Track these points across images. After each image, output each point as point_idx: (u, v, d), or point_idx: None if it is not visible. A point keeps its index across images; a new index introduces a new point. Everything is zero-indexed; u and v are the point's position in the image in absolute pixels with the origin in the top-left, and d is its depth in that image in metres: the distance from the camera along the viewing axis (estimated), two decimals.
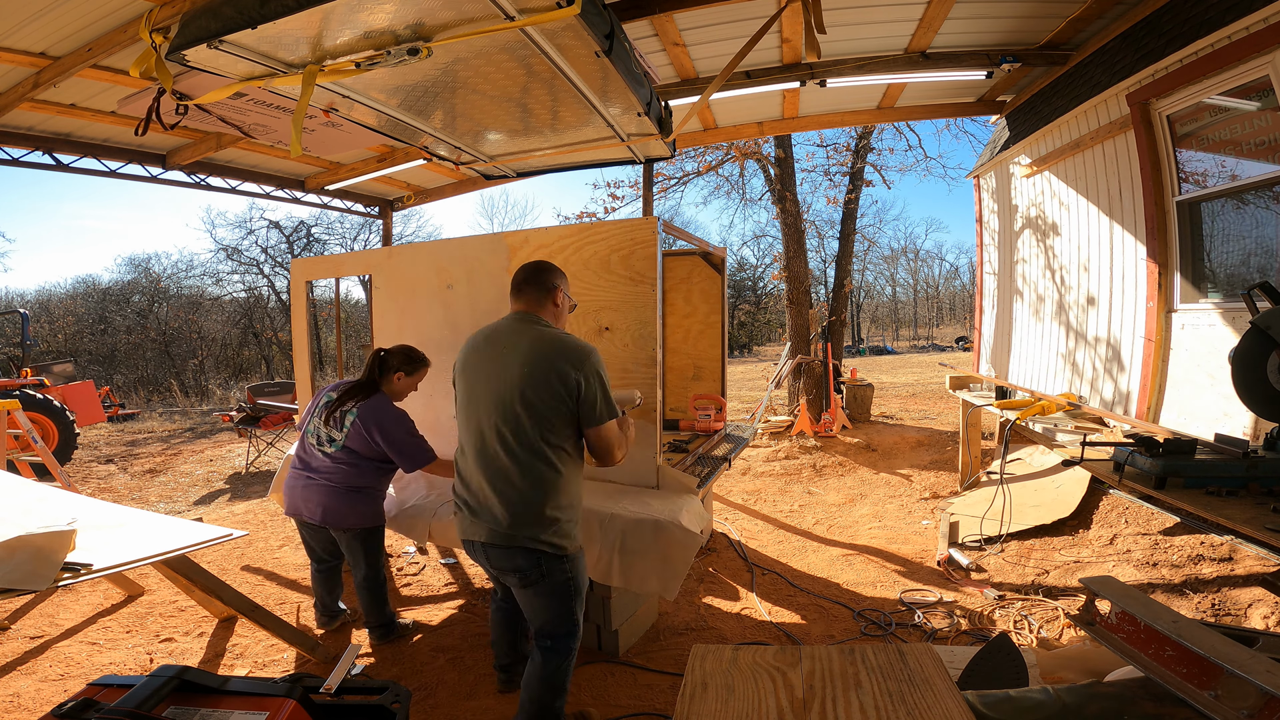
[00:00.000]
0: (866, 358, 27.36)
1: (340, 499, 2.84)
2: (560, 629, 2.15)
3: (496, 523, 2.03)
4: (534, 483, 2.01)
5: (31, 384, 8.56)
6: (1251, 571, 2.91)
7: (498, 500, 2.02)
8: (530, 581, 2.07)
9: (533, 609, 2.16)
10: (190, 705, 1.40)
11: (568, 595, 2.12)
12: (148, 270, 23.99)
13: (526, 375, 1.99)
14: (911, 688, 1.31)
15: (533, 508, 2.01)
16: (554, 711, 2.19)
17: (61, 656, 2.95)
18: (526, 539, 2.01)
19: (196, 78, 2.46)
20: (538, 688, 2.16)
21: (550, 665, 2.16)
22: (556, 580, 2.08)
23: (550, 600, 2.11)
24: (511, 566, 2.06)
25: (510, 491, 2.01)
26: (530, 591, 2.10)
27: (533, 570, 2.05)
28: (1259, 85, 3.06)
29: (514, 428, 2.00)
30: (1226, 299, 3.44)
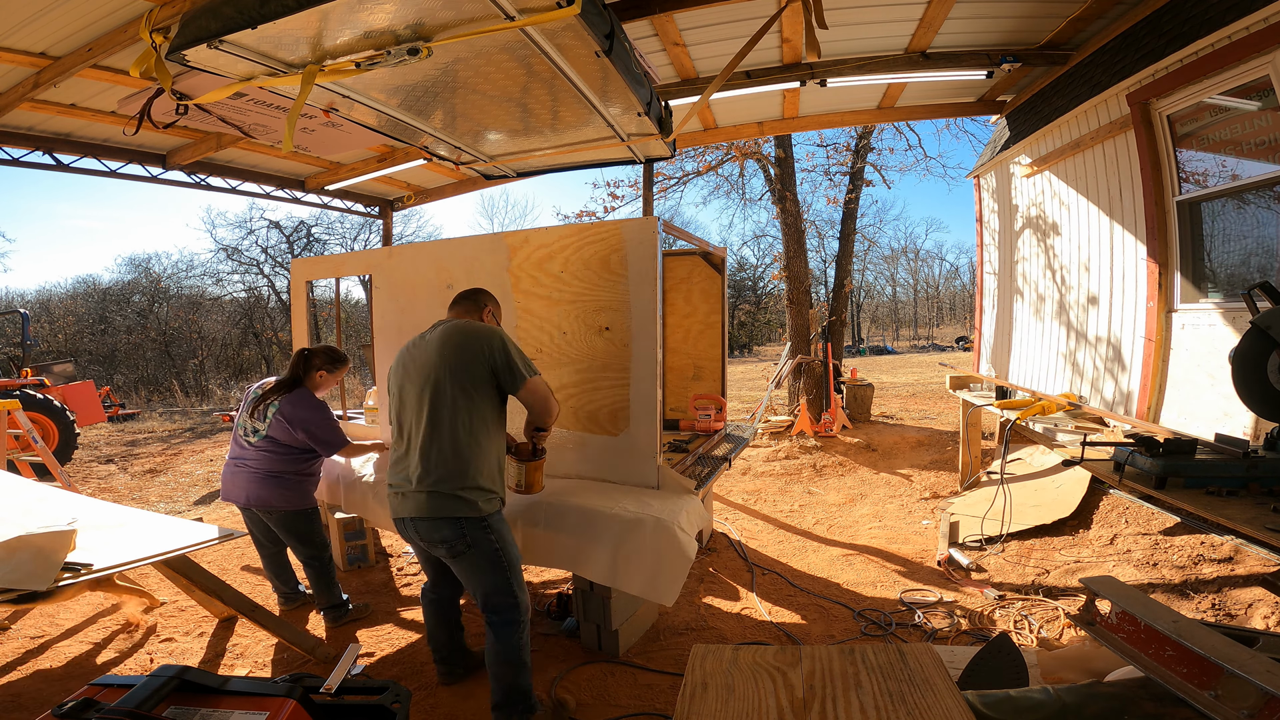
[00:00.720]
0: (867, 358, 27.36)
1: (263, 484, 3.09)
2: (501, 600, 2.27)
3: (423, 500, 2.20)
4: (455, 456, 2.20)
5: (32, 384, 8.56)
6: (1252, 571, 2.91)
7: (423, 476, 2.20)
8: (458, 552, 2.24)
9: (470, 581, 2.31)
10: (190, 705, 1.40)
11: (499, 563, 2.27)
12: (148, 270, 24.00)
13: (444, 355, 2.23)
14: (911, 688, 1.31)
15: (454, 480, 2.19)
16: (520, 690, 2.29)
17: (62, 656, 2.95)
18: (450, 512, 2.19)
19: (197, 78, 2.47)
20: (498, 668, 2.28)
21: (502, 640, 2.27)
22: (484, 549, 2.24)
23: (483, 569, 2.26)
24: (439, 538, 2.23)
25: (434, 467, 2.20)
26: (462, 562, 2.26)
27: (459, 540, 2.22)
28: (1259, 85, 3.06)
29: (438, 407, 2.21)
30: (1227, 299, 3.44)
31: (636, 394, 3.08)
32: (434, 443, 2.21)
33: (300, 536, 3.20)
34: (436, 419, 2.21)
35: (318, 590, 3.26)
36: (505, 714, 2.30)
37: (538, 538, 2.81)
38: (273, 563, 3.42)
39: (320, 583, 3.25)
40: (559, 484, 3.15)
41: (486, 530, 2.25)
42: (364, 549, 4.10)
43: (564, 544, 2.76)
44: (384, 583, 3.85)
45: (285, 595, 3.47)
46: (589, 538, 2.70)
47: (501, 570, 2.28)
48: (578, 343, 3.23)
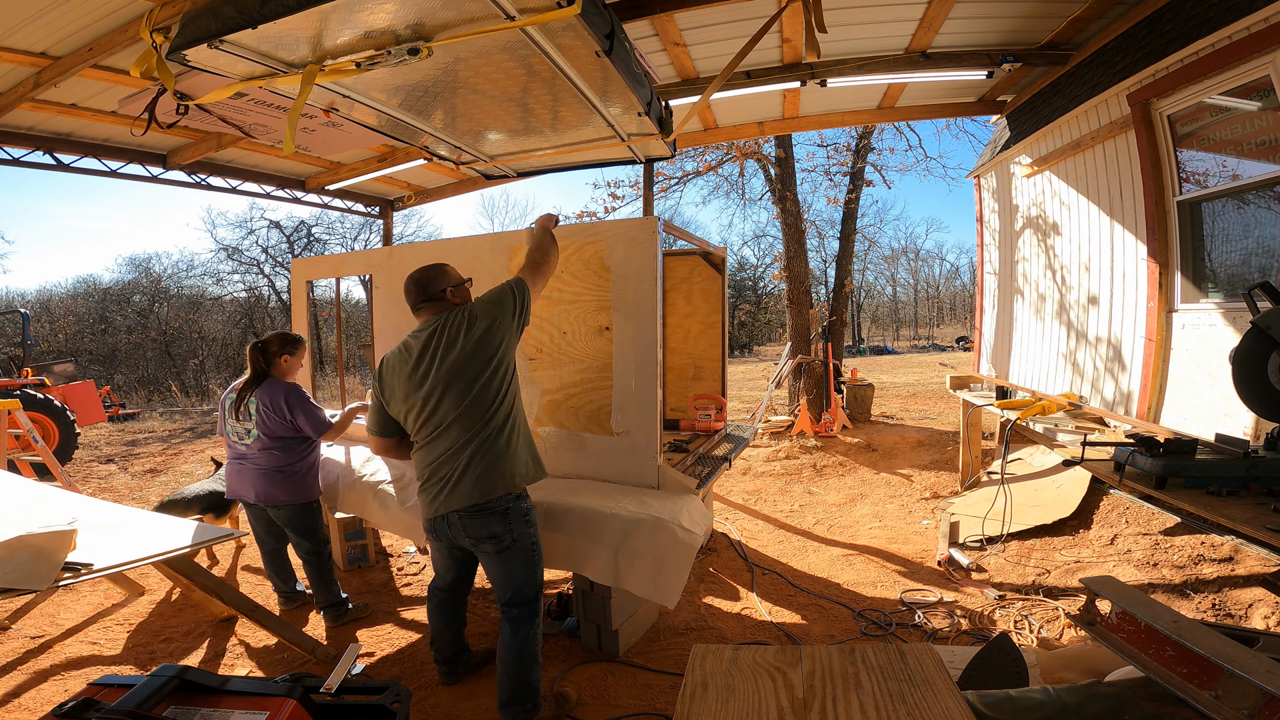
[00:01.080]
0: (867, 358, 27.35)
1: (270, 480, 3.13)
2: (530, 593, 2.33)
3: (471, 493, 2.21)
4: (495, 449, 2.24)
5: (32, 384, 8.56)
6: (1252, 572, 2.91)
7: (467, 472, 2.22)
8: (505, 546, 2.27)
9: (505, 576, 2.33)
10: (190, 705, 1.40)
11: (535, 558, 2.35)
12: (148, 270, 24.00)
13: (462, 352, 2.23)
14: (912, 688, 1.31)
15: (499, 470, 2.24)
16: (532, 687, 2.31)
17: (62, 656, 2.95)
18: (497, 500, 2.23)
19: (197, 77, 2.47)
20: (514, 664, 2.29)
21: (521, 634, 2.30)
22: (525, 543, 2.30)
23: (521, 564, 2.31)
24: (488, 533, 2.25)
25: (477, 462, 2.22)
26: (504, 557, 2.29)
27: (506, 534, 2.25)
28: (1260, 85, 3.05)
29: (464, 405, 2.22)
30: (1227, 299, 3.44)
31: (637, 394, 3.08)
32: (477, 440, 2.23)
33: (303, 531, 3.23)
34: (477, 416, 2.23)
35: (317, 588, 3.28)
36: (514, 713, 2.29)
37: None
38: (273, 560, 3.43)
39: (319, 580, 3.26)
40: (559, 484, 3.15)
41: (528, 524, 2.32)
42: (364, 549, 4.10)
43: (565, 544, 2.76)
44: (384, 583, 3.85)
45: (285, 595, 3.48)
46: (590, 538, 2.70)
47: (536, 564, 2.36)
48: (578, 343, 3.23)
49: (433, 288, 2.42)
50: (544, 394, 3.36)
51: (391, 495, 3.32)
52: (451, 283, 2.46)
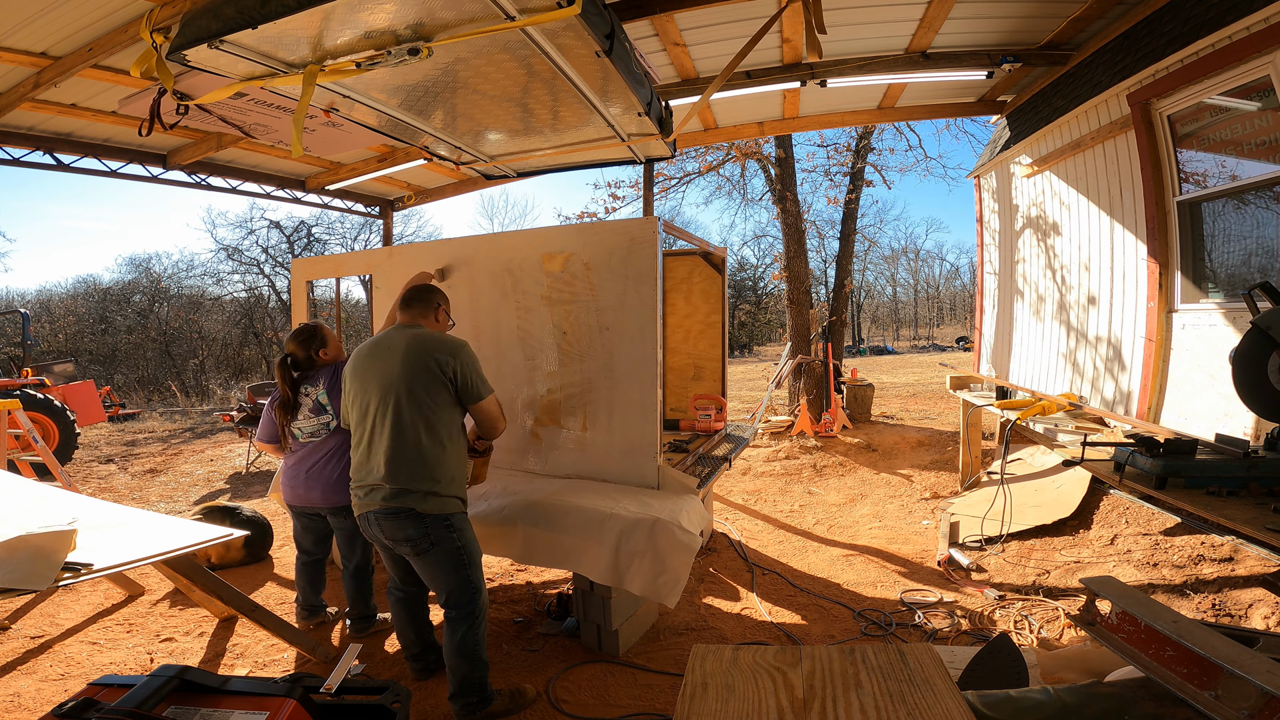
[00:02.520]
0: (867, 358, 27.35)
1: (339, 486, 2.89)
2: (462, 596, 2.36)
3: (387, 495, 2.28)
4: (419, 458, 2.28)
5: (32, 384, 8.56)
6: (1252, 572, 2.90)
7: (388, 476, 2.27)
8: (422, 550, 2.31)
9: (432, 578, 2.38)
10: (191, 705, 1.40)
11: (461, 561, 2.35)
12: (148, 270, 23.98)
13: (407, 367, 2.30)
14: (912, 688, 1.31)
15: (418, 481, 2.27)
16: (476, 683, 2.38)
17: (62, 656, 2.95)
18: (414, 505, 2.27)
19: (197, 78, 2.46)
20: (454, 660, 2.36)
21: (459, 635, 2.35)
22: (447, 547, 2.32)
23: (446, 567, 2.33)
24: (403, 536, 2.29)
25: (399, 468, 2.27)
26: (426, 560, 2.33)
27: (423, 539, 2.29)
28: (1259, 85, 3.05)
29: (400, 414, 2.29)
30: (1227, 299, 3.44)
31: (637, 394, 3.08)
32: (398, 448, 2.29)
33: (359, 541, 3.03)
34: (400, 425, 2.29)
35: (356, 601, 3.12)
36: (460, 704, 2.38)
37: (538, 538, 2.81)
38: (313, 570, 3.25)
39: (360, 592, 3.12)
40: (559, 484, 3.15)
41: (449, 529, 2.33)
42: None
43: (565, 544, 2.76)
44: (384, 583, 3.84)
45: (311, 609, 3.29)
46: (590, 538, 2.70)
47: (463, 567, 2.37)
48: (578, 343, 3.23)
49: (432, 296, 2.59)
50: (544, 394, 3.36)
51: None
52: (446, 306, 2.66)
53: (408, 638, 2.71)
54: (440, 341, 2.37)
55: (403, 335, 2.40)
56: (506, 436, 3.52)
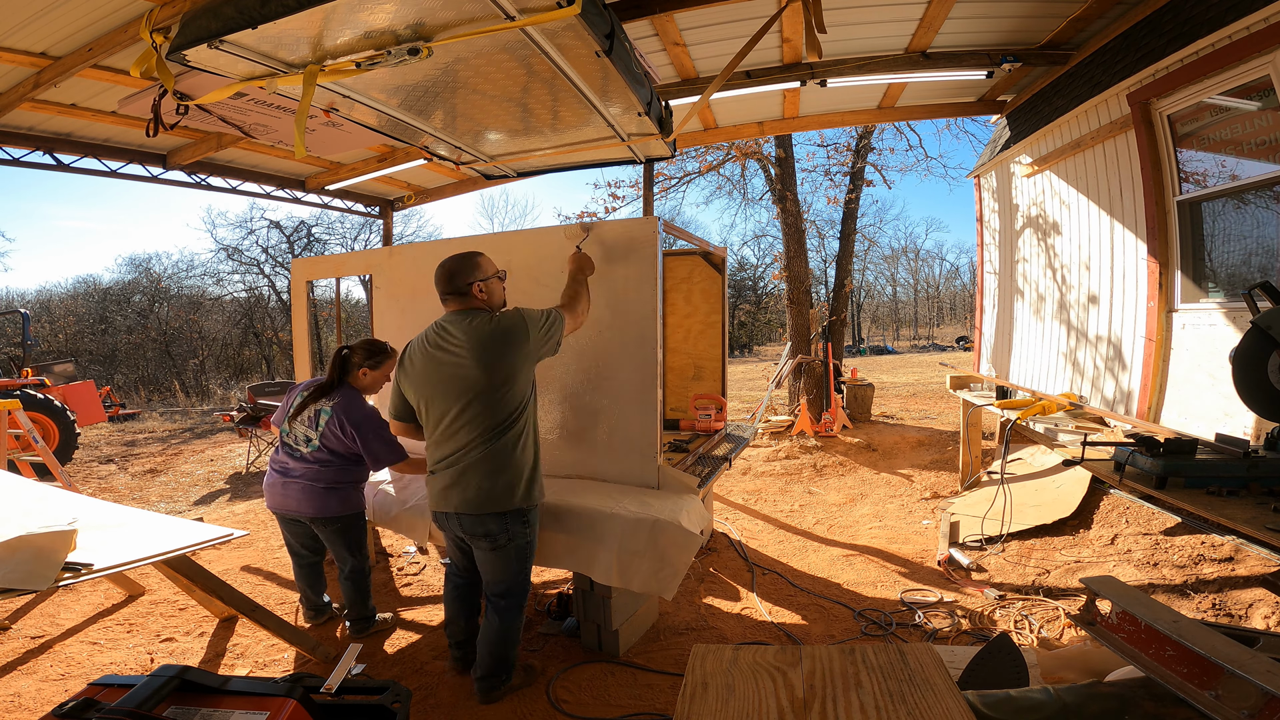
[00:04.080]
0: (867, 357, 27.34)
1: (320, 495, 2.89)
2: (519, 588, 2.49)
3: (471, 495, 2.32)
4: (507, 460, 2.33)
5: (32, 384, 8.56)
6: (1253, 572, 2.90)
7: (475, 478, 2.31)
8: (499, 545, 2.38)
9: (496, 570, 2.45)
10: (191, 705, 1.40)
11: (527, 557, 2.48)
12: (148, 270, 23.99)
13: (488, 370, 2.27)
14: (912, 688, 1.31)
15: (506, 480, 2.33)
16: (510, 661, 2.57)
17: (62, 656, 2.95)
18: (499, 505, 2.33)
19: (197, 77, 2.46)
20: (498, 646, 2.50)
21: (508, 622, 2.49)
22: (519, 542, 2.41)
23: (513, 561, 2.43)
24: (483, 531, 2.35)
25: (488, 470, 2.31)
26: (497, 554, 2.40)
27: (501, 534, 2.36)
28: (1260, 85, 3.05)
29: (486, 416, 2.29)
30: (1227, 299, 3.44)
31: (637, 394, 3.08)
32: (485, 448, 2.30)
33: (352, 545, 3.03)
34: (488, 427, 2.29)
35: (354, 603, 3.11)
36: (491, 684, 2.52)
37: (539, 538, 2.80)
38: (311, 573, 3.24)
39: (359, 596, 3.11)
40: (560, 484, 3.15)
41: (525, 525, 2.42)
42: None
43: (565, 544, 2.76)
44: (384, 583, 3.85)
45: (316, 608, 3.27)
46: (591, 538, 2.70)
47: (527, 562, 2.49)
48: (578, 342, 3.23)
49: (459, 280, 2.40)
50: (544, 393, 3.36)
51: (392, 495, 3.32)
52: (481, 276, 2.43)
53: (456, 625, 2.75)
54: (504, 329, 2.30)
55: (458, 324, 2.34)
56: None
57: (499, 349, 2.27)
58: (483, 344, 2.27)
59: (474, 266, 2.43)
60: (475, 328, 2.31)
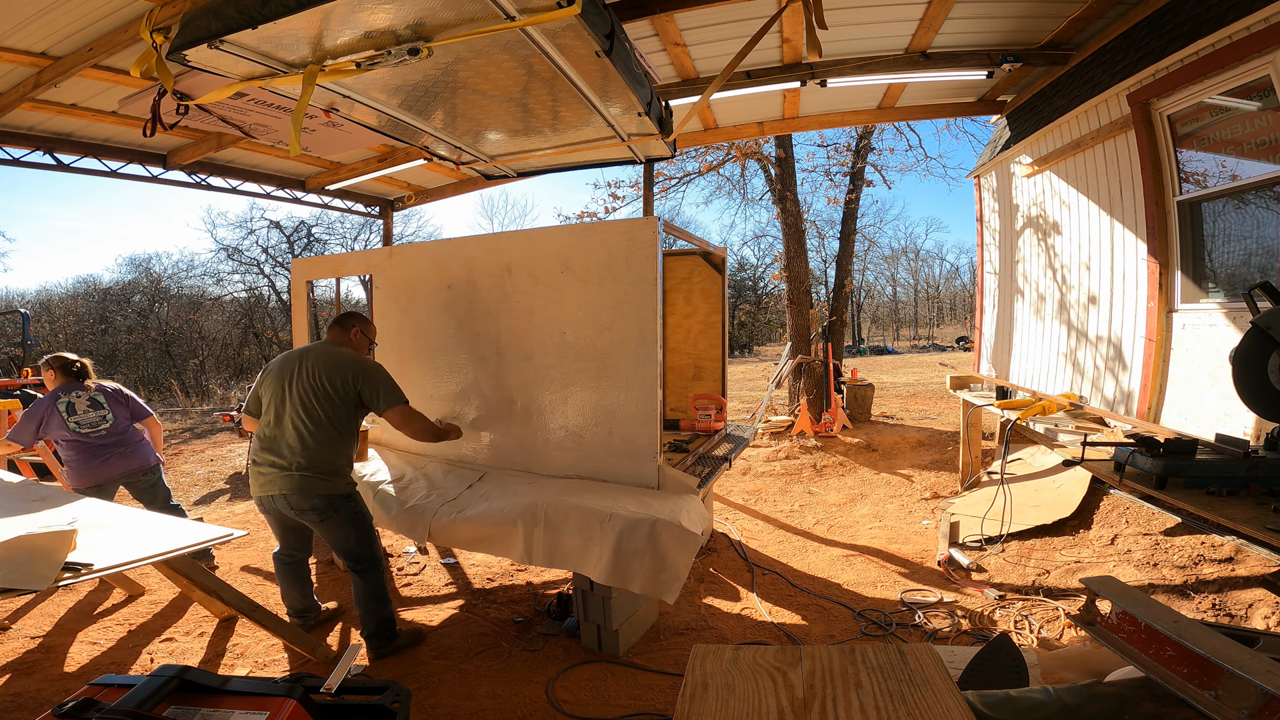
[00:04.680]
0: (867, 358, 27.33)
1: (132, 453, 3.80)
2: (362, 550, 2.89)
3: (295, 478, 2.77)
4: (327, 450, 2.82)
5: (32, 384, 8.55)
6: (1253, 572, 2.90)
7: (299, 463, 2.77)
8: (326, 516, 2.82)
9: (336, 539, 2.89)
10: (191, 705, 1.40)
11: (361, 523, 2.91)
12: (148, 270, 23.98)
13: (321, 375, 2.84)
14: (912, 688, 1.31)
15: (326, 467, 2.81)
16: (387, 618, 2.94)
17: (62, 656, 2.95)
18: (321, 489, 2.80)
19: (197, 77, 2.46)
20: (368, 603, 2.89)
21: (368, 581, 2.89)
22: (346, 513, 2.86)
23: (349, 529, 2.86)
24: (310, 506, 2.80)
25: (310, 457, 2.78)
26: (330, 524, 2.84)
27: (326, 508, 2.81)
28: (1260, 85, 3.05)
29: (311, 410, 2.81)
30: (1227, 299, 3.44)
31: (637, 394, 3.08)
32: (310, 438, 2.79)
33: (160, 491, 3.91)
34: (314, 420, 2.80)
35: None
36: (380, 640, 2.91)
37: (539, 538, 2.81)
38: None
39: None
40: (559, 484, 3.15)
41: (348, 500, 2.89)
42: None
43: (566, 544, 2.76)
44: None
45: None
46: (591, 538, 2.70)
47: (361, 529, 2.90)
48: (578, 343, 3.23)
49: (348, 323, 3.10)
50: (544, 393, 3.36)
51: (392, 495, 3.33)
52: (358, 329, 3.11)
53: (291, 597, 3.17)
54: (345, 359, 2.90)
55: (327, 351, 2.93)
56: (507, 437, 3.52)
57: (338, 386, 2.84)
58: (328, 360, 2.88)
59: (364, 322, 3.16)
60: (338, 359, 2.90)
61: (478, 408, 3.61)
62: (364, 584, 2.88)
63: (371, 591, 2.88)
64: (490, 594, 3.65)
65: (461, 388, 3.66)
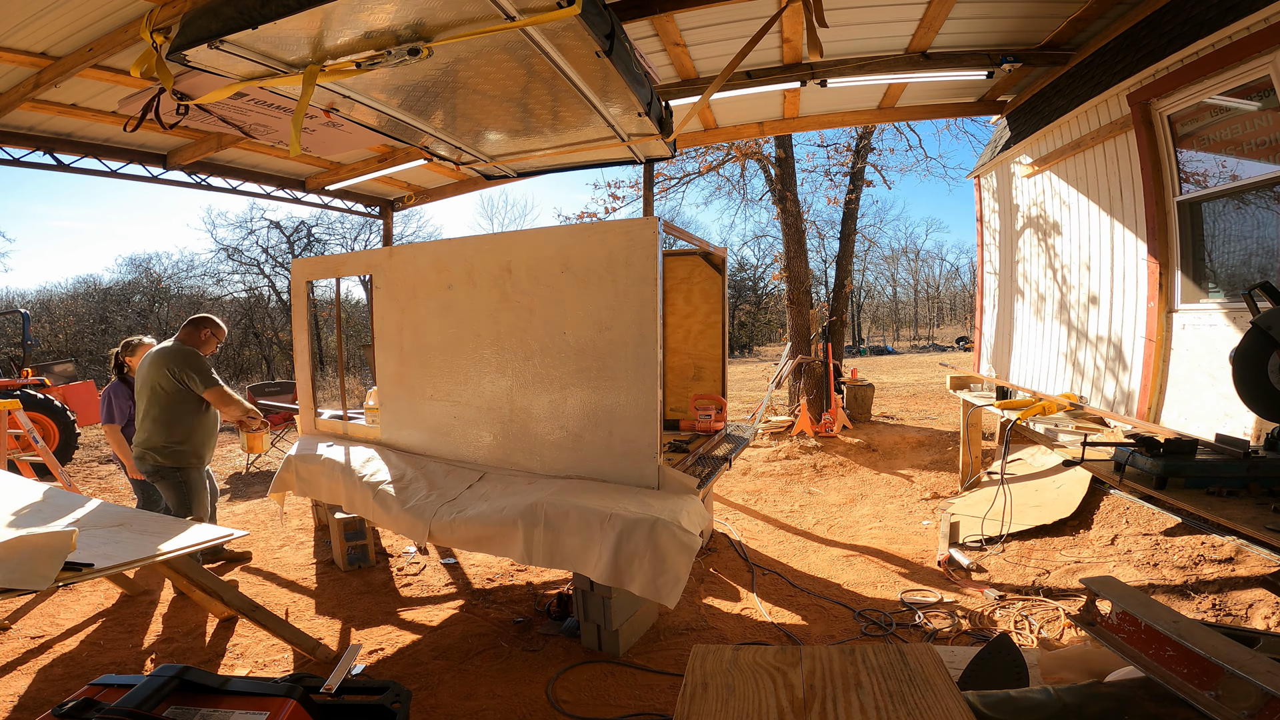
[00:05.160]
0: (867, 358, 27.33)
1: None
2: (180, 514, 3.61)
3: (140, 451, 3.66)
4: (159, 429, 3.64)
5: (32, 384, 8.54)
6: (1253, 572, 2.90)
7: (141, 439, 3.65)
8: (156, 480, 3.70)
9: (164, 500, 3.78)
10: (191, 705, 1.40)
11: (182, 493, 3.70)
12: (148, 270, 24.00)
13: (155, 368, 3.63)
14: (912, 688, 1.31)
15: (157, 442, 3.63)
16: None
17: (62, 656, 2.95)
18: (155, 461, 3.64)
19: (197, 78, 2.47)
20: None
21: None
22: (172, 481, 3.68)
23: (172, 495, 3.70)
24: (146, 470, 3.67)
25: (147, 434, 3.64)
26: (160, 487, 3.74)
27: (155, 474, 3.68)
28: (1260, 85, 3.05)
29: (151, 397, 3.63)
30: (1227, 299, 3.44)
31: (637, 394, 3.07)
32: (147, 419, 3.64)
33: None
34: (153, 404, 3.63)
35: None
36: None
37: (539, 538, 2.81)
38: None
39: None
40: (559, 484, 3.15)
41: (176, 472, 3.67)
42: (364, 549, 4.10)
43: (565, 544, 2.76)
44: (384, 583, 3.85)
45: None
46: (590, 538, 2.70)
47: (183, 496, 3.69)
48: (578, 342, 3.23)
49: (195, 326, 3.87)
50: (544, 393, 3.36)
51: (392, 495, 3.33)
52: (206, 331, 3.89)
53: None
54: (169, 353, 3.67)
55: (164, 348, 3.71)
56: (507, 437, 3.52)
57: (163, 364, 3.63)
58: (158, 357, 3.67)
59: (211, 325, 3.93)
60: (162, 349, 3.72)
61: (478, 408, 3.61)
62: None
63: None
64: (490, 594, 3.65)
65: (461, 388, 3.66)
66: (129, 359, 4.15)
